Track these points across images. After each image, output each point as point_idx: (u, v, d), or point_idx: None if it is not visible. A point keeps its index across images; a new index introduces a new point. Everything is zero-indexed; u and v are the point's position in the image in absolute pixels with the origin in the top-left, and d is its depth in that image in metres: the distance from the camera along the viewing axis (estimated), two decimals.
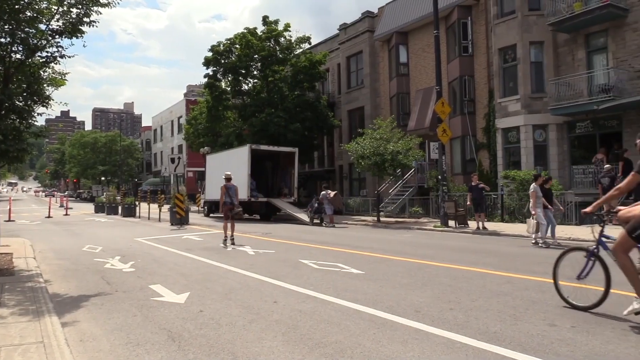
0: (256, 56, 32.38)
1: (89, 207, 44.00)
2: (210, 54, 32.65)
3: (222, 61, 32.63)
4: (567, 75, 21.38)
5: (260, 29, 33.30)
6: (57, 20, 10.01)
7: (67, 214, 32.51)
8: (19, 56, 10.02)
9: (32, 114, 10.54)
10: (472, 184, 17.86)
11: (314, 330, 5.28)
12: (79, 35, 10.11)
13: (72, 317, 6.07)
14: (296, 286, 7.65)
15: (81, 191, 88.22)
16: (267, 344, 4.83)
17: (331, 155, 38.77)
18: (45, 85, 10.91)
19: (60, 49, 10.16)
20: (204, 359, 4.47)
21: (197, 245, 14.27)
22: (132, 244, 14.62)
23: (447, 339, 4.87)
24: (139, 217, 29.31)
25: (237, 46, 32.45)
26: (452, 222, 18.78)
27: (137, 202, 32.12)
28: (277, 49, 33.07)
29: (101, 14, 10.04)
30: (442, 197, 19.51)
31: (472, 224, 18.27)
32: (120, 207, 32.86)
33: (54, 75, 11.00)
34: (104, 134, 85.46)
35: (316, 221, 22.28)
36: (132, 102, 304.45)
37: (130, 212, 30.75)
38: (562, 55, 22.09)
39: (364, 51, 34.10)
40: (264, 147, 26.76)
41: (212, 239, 16.11)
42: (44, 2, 9.78)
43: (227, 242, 13.77)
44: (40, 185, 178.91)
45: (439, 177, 20.27)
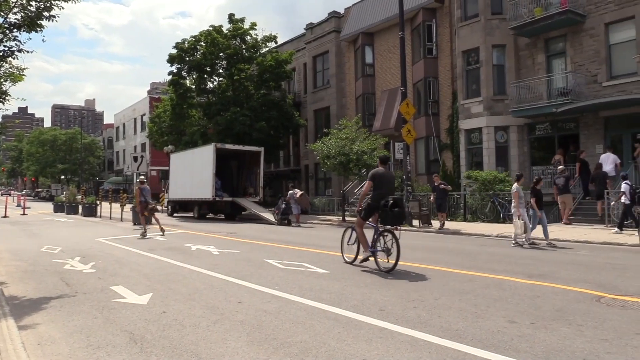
0: (222, 54, 32.08)
1: (48, 207, 42.79)
2: (174, 51, 32.20)
3: (187, 59, 32.22)
4: (528, 78, 21.94)
5: (226, 27, 33.03)
6: (15, 13, 9.67)
7: (24, 214, 31.57)
8: None
9: None
10: (435, 184, 18.26)
11: (278, 330, 5.27)
12: (39, 29, 9.80)
13: (30, 320, 5.90)
14: (261, 286, 7.62)
15: (40, 190, 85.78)
16: (232, 345, 4.79)
17: (297, 154, 38.76)
18: (1, 80, 10.53)
19: (18, 43, 9.83)
20: None
21: (161, 245, 14.05)
22: (93, 245, 14.29)
23: (410, 337, 4.93)
24: (100, 216, 28.66)
25: (203, 44, 32.08)
26: (416, 222, 19.02)
27: (98, 202, 31.43)
28: (243, 47, 32.84)
29: (63, 8, 9.75)
30: (407, 197, 19.73)
31: (436, 223, 18.55)
32: (80, 207, 32.13)
33: (11, 70, 10.63)
34: (64, 132, 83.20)
35: (284, 222, 22.15)
36: (94, 99, 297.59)
37: (91, 211, 30.07)
38: (523, 58, 22.66)
39: (330, 51, 34.22)
40: (229, 146, 26.54)
41: (176, 238, 15.89)
42: None
43: (147, 235, 16.18)
44: None
45: (404, 177, 20.50)
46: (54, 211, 36.83)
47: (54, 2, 9.63)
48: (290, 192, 22.67)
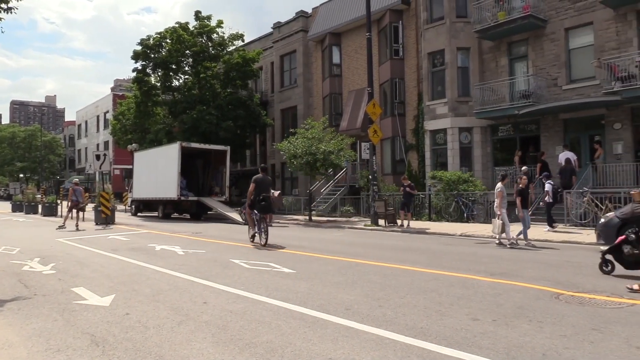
0: (188, 52, 31.72)
1: (6, 206, 41.39)
2: (139, 48, 31.66)
3: (152, 55, 31.74)
4: (491, 80, 22.40)
5: (192, 24, 32.69)
6: None
7: None
8: None
9: None
10: (405, 184, 18.59)
11: (244, 330, 5.24)
12: None
13: None
14: (227, 286, 7.56)
15: None
16: (197, 346, 4.75)
17: (264, 154, 38.60)
18: None
19: None
20: None
21: (124, 245, 13.78)
22: (54, 245, 13.91)
23: (376, 335, 4.98)
24: (61, 216, 27.89)
25: (168, 41, 31.66)
26: (382, 221, 19.19)
27: (58, 201, 30.63)
28: (210, 45, 32.55)
29: None
30: (373, 196, 19.89)
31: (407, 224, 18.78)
32: (40, 206, 31.23)
33: None
34: (23, 129, 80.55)
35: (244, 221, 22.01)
36: (55, 96, 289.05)
37: (51, 211, 29.28)
38: (487, 61, 23.12)
39: (298, 51, 34.20)
40: (194, 145, 26.24)
41: (140, 238, 15.62)
42: None
43: (65, 226, 19.55)
44: None
45: (370, 176, 20.66)
46: (12, 211, 35.73)
47: None
48: None
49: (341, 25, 30.46)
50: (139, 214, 29.68)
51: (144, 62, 31.98)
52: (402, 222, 18.36)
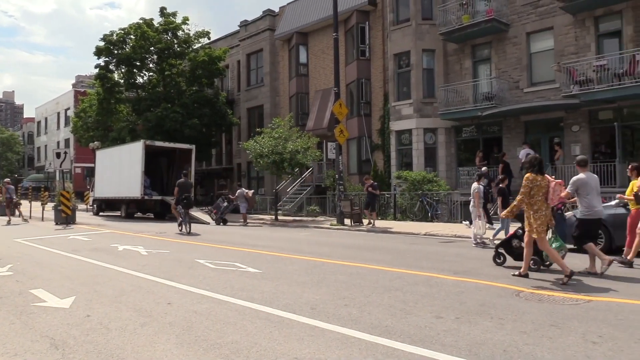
0: (152, 48, 31.15)
1: None
2: (102, 44, 30.93)
3: (116, 52, 31.04)
4: (456, 82, 22.79)
5: (157, 20, 32.12)
6: None
7: None
8: None
9: None
10: (367, 184, 18.79)
11: (209, 331, 5.19)
12: None
13: None
14: (191, 287, 7.47)
15: None
16: (160, 347, 4.68)
17: (230, 153, 38.30)
18: None
19: None
20: None
21: (85, 245, 13.46)
22: (11, 245, 13.48)
23: (341, 334, 5.00)
24: (19, 216, 27.06)
25: (132, 37, 31.01)
26: (348, 221, 19.29)
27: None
28: (175, 42, 32.05)
29: None
30: (339, 196, 19.97)
31: (367, 222, 18.91)
32: None
33: None
34: None
35: (221, 222, 21.80)
36: (13, 91, 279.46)
37: (2, 210, 28.27)
38: (451, 63, 23.50)
39: (265, 49, 34.06)
40: (159, 144, 25.83)
41: (102, 238, 15.29)
42: None
43: (11, 223, 21.34)
44: None
45: (336, 176, 20.73)
46: None
47: None
48: (239, 190, 22.42)
49: (308, 24, 30.48)
50: (101, 214, 29.06)
51: (107, 58, 31.27)
52: (367, 222, 18.55)
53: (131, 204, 25.73)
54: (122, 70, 31.76)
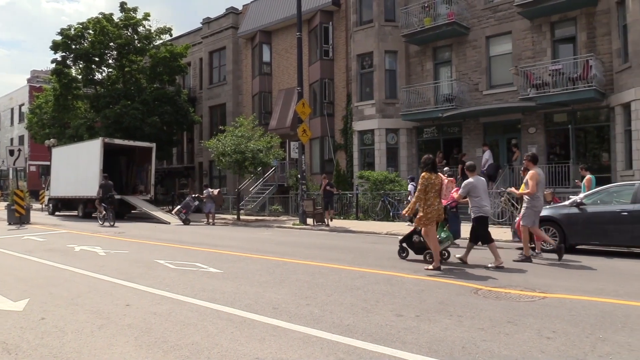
0: (112, 44, 30.38)
1: None
2: (59, 38, 29.96)
3: (73, 47, 30.14)
4: (417, 84, 23.12)
5: (117, 15, 31.36)
6: None
7: None
8: None
9: None
10: (323, 183, 19.55)
11: (169, 332, 5.11)
12: None
13: None
14: (151, 287, 7.34)
15: None
16: (118, 350, 4.57)
17: (191, 151, 37.77)
18: None
19: None
20: None
21: (40, 246, 13.05)
22: None
23: (303, 333, 5.00)
24: None
25: (91, 32, 30.17)
26: (310, 220, 19.32)
27: None
28: (136, 38, 31.34)
29: None
30: (301, 195, 19.98)
31: (331, 222, 18.99)
32: None
33: None
34: None
35: (179, 221, 21.52)
36: None
37: None
38: (413, 65, 23.82)
39: (227, 47, 33.73)
40: (118, 141, 25.28)
41: (58, 239, 14.85)
42: None
43: None
44: None
45: (299, 176, 20.73)
46: None
47: None
48: (206, 190, 22.16)
49: (272, 23, 30.34)
50: (57, 213, 28.30)
51: (64, 53, 30.35)
52: (330, 220, 18.69)
53: (89, 203, 25.07)
54: (80, 65, 30.88)
